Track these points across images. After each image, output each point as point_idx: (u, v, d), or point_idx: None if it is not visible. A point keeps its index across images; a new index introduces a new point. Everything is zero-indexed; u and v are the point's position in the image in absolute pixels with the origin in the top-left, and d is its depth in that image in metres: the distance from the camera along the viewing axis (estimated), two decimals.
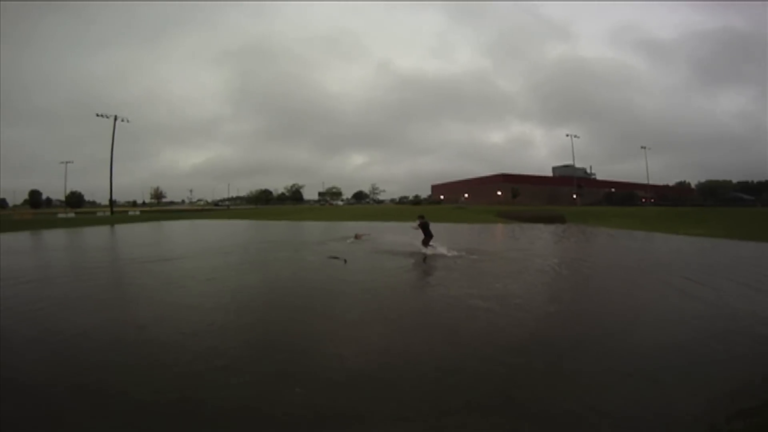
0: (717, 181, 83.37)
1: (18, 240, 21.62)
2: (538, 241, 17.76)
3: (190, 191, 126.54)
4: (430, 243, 12.98)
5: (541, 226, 28.16)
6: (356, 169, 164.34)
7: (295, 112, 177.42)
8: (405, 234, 15.09)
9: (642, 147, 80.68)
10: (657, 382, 3.67)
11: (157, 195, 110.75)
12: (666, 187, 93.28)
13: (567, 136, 78.67)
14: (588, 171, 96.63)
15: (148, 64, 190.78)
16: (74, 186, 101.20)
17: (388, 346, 4.74)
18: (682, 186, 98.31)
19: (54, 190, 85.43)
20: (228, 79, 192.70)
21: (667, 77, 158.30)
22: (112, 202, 70.15)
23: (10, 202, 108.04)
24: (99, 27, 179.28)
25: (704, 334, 4.99)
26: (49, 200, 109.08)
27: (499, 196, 78.55)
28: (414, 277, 9.62)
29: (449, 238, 16.21)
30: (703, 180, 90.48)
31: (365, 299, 6.98)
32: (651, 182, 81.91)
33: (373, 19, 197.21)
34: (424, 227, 13.21)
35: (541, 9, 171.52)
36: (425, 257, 11.80)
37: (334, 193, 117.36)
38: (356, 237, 17.54)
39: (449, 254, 11.96)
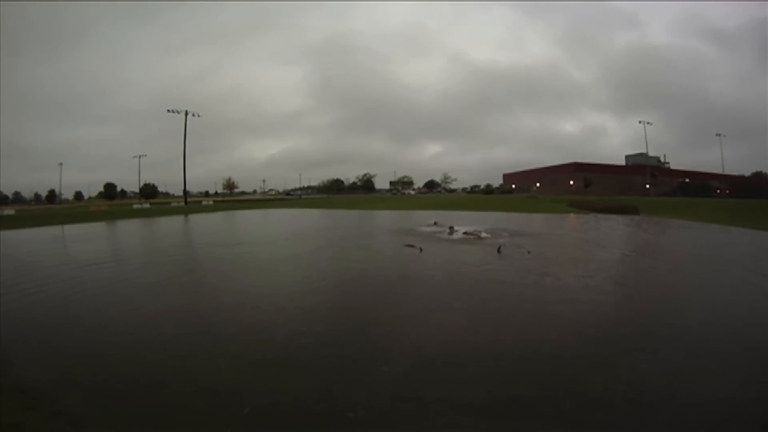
0: None
1: (123, 228, 25.36)
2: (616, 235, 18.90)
3: (263, 181, 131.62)
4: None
5: (615, 217, 29.01)
6: (429, 159, 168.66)
7: (372, 103, 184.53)
8: (477, 224, 17.00)
9: (717, 134, 76.47)
10: None
11: (230, 185, 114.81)
12: (742, 177, 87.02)
13: (639, 122, 75.95)
14: (661, 160, 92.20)
15: (231, 63, 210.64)
16: (150, 179, 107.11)
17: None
18: (759, 177, 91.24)
19: (130, 183, 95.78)
20: (307, 74, 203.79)
21: (738, 64, 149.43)
22: (186, 193, 72.04)
23: (86, 195, 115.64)
24: (184, 31, 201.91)
25: None
26: (123, 192, 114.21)
27: (570, 185, 77.88)
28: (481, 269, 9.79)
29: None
30: None
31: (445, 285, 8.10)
32: (726, 172, 77.52)
33: (446, 15, 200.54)
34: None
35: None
36: (499, 247, 12.16)
37: (405, 182, 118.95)
38: (435, 224, 19.64)
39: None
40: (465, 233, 15.87)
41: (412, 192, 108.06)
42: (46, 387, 3.97)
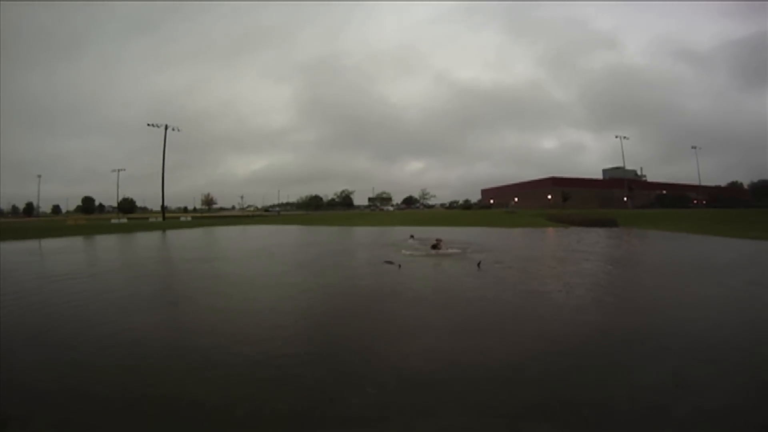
0: None
1: (93, 244, 24.06)
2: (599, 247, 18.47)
3: (241, 197, 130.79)
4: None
5: (595, 230, 28.73)
6: (410, 175, 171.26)
7: (358, 121, 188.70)
8: (456, 239, 16.57)
9: (692, 147, 78.35)
10: None
11: (208, 201, 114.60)
12: (718, 188, 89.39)
13: (616, 137, 77.42)
14: (638, 173, 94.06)
15: (222, 79, 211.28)
16: (132, 193, 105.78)
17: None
18: (735, 186, 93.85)
19: (112, 196, 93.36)
20: (297, 91, 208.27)
21: (711, 81, 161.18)
22: (164, 208, 70.72)
23: (63, 209, 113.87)
24: (178, 45, 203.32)
25: None
26: (101, 206, 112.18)
27: (549, 200, 78.36)
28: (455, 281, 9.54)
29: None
30: (755, 180, 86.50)
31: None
32: (702, 183, 79.33)
33: (435, 37, 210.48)
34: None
35: (589, 23, 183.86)
36: (479, 262, 11.68)
37: (384, 199, 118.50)
38: (412, 237, 19.97)
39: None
40: (435, 248, 14.93)
41: (391, 208, 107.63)
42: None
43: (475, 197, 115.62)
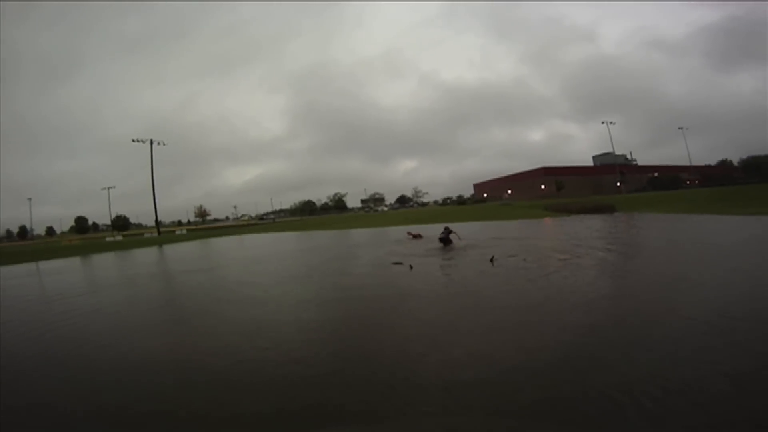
0: (760, 157, 80.00)
1: (97, 266, 23.26)
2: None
3: (234, 207, 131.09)
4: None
5: (594, 217, 28.66)
6: (402, 175, 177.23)
7: (349, 126, 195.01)
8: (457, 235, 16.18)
9: (679, 128, 79.15)
10: None
11: (202, 213, 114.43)
12: (709, 167, 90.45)
13: (603, 123, 78.03)
14: (629, 157, 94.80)
15: (217, 92, 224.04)
16: (127, 210, 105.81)
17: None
18: (725, 164, 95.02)
19: (103, 215, 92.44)
20: (287, 101, 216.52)
21: (686, 66, 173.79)
22: (158, 223, 70.11)
23: (57, 230, 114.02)
24: (171, 64, 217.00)
25: None
26: (95, 225, 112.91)
27: (542, 189, 78.63)
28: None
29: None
30: (744, 157, 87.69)
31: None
32: (693, 163, 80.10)
33: (421, 40, 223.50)
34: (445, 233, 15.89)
35: (567, 19, 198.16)
36: (492, 258, 11.20)
37: (377, 200, 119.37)
38: (408, 234, 20.43)
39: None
40: (445, 242, 15.69)
41: (385, 208, 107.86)
42: None
43: (467, 193, 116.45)
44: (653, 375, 3.56)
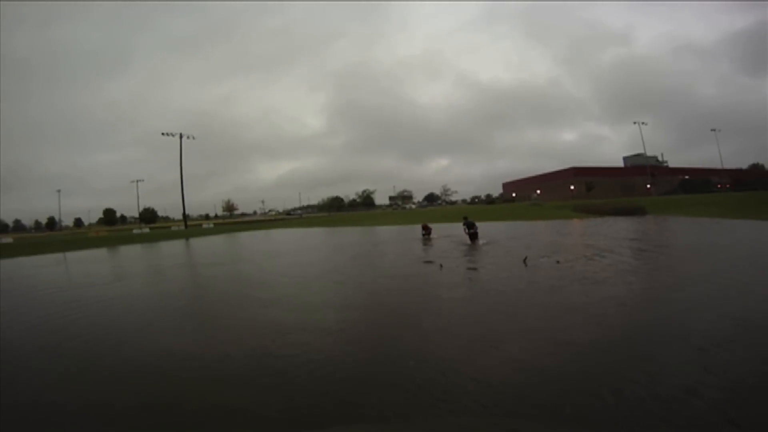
0: None
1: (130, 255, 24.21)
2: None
3: (262, 202, 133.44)
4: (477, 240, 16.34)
5: (625, 219, 28.37)
6: (433, 173, 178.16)
7: (385, 123, 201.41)
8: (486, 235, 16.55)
9: (712, 130, 77.16)
10: None
11: (229, 207, 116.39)
12: (740, 170, 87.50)
13: (635, 123, 76.57)
14: (660, 159, 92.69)
15: (257, 90, 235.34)
16: (158, 203, 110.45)
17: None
18: (757, 168, 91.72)
19: (132, 207, 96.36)
20: (327, 98, 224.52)
21: (719, 69, 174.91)
22: (185, 216, 70.74)
23: (86, 222, 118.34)
24: (217, 63, 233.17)
25: None
26: (123, 217, 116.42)
27: (571, 190, 77.83)
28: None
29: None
30: None
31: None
32: (724, 167, 78.06)
33: (460, 41, 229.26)
34: (471, 228, 16.63)
35: (601, 21, 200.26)
36: (525, 258, 11.22)
37: (405, 197, 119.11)
38: (423, 228, 20.94)
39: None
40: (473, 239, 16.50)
41: (413, 206, 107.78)
42: None
43: (497, 192, 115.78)
44: None
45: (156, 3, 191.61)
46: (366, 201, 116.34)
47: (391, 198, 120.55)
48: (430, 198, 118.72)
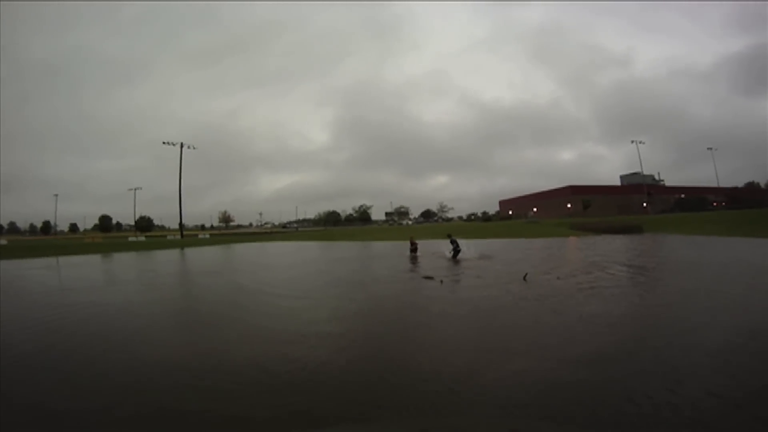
0: None
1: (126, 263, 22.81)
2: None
3: (260, 214, 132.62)
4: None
5: (622, 237, 28.41)
6: (430, 189, 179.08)
7: (387, 140, 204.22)
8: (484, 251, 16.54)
9: (708, 148, 78.27)
10: None
11: (226, 219, 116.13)
12: (735, 189, 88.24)
13: (632, 142, 77.40)
14: (656, 177, 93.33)
15: (265, 104, 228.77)
16: (155, 212, 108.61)
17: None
18: (753, 187, 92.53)
19: (129, 215, 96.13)
20: (334, 114, 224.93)
21: (713, 91, 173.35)
22: (182, 226, 70.83)
23: (81, 227, 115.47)
24: (229, 76, 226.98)
25: None
26: (119, 225, 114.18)
27: (568, 208, 78.09)
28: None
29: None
30: None
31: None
32: (720, 185, 78.93)
33: (466, 62, 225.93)
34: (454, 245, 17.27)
35: (602, 46, 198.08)
36: (525, 275, 11.11)
37: (401, 213, 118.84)
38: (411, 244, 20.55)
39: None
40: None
41: (409, 222, 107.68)
42: None
43: (493, 209, 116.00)
44: None
45: (174, 16, 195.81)
46: (362, 216, 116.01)
47: (387, 213, 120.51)
48: (427, 214, 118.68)
